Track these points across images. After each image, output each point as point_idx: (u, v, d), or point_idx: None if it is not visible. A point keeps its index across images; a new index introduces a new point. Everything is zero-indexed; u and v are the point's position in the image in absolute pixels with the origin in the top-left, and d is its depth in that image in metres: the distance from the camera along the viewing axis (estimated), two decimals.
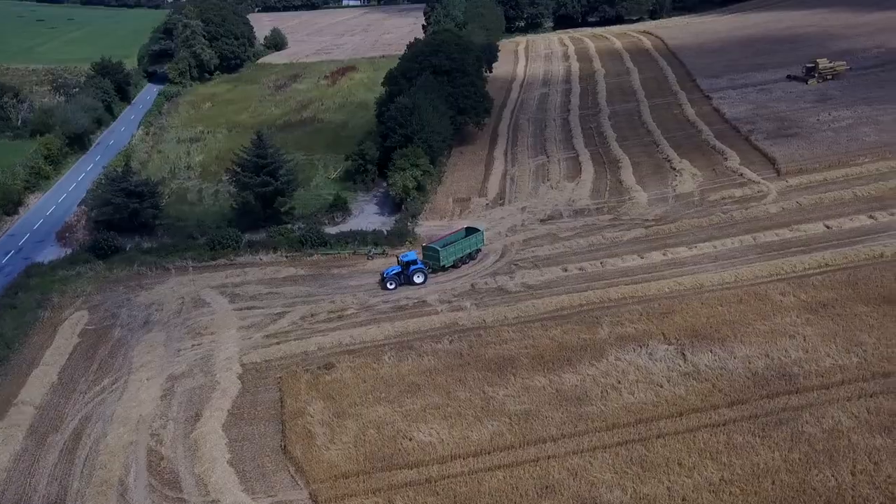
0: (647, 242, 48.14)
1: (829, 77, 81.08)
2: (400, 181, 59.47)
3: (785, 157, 58.69)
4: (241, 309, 44.31)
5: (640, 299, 39.87)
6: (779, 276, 40.12)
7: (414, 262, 46.06)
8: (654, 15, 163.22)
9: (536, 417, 30.17)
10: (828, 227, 45.97)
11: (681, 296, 39.45)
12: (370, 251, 51.69)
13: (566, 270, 45.21)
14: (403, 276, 45.74)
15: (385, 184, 63.74)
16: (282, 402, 33.65)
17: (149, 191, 59.67)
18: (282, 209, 57.59)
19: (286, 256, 52.44)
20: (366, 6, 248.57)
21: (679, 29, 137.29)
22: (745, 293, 38.52)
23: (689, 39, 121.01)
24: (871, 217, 46.31)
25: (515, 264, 47.34)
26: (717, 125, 71.46)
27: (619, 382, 31.78)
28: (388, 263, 48.23)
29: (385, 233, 54.36)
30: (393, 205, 60.71)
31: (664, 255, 45.71)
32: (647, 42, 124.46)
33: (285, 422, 31.99)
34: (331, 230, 55.71)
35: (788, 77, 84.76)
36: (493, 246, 50.51)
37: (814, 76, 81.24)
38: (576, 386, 32.00)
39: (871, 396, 28.70)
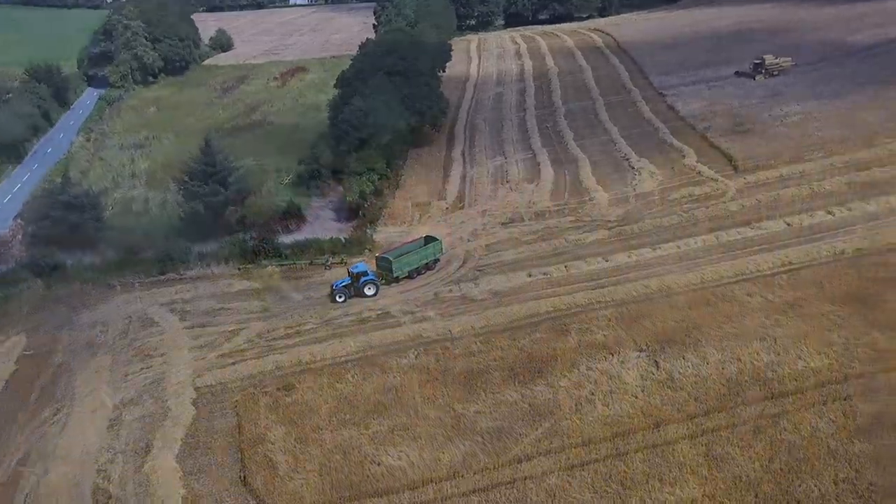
0: (611, 244, 47.50)
1: (775, 73, 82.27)
2: (356, 186, 57.75)
3: (741, 153, 58.92)
4: (192, 327, 42.04)
5: (607, 304, 39.08)
6: (744, 276, 39.83)
7: (364, 273, 44.41)
8: (603, 12, 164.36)
9: (510, 435, 28.99)
10: (788, 225, 46.02)
11: (649, 299, 38.81)
12: (327, 260, 49.85)
13: (531, 276, 44.20)
14: (354, 289, 44.04)
15: (341, 189, 61.91)
16: (240, 428, 31.71)
17: (90, 202, 56.65)
18: (233, 219, 55.21)
19: (239, 269, 50.24)
20: (314, 5, 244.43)
21: (628, 26, 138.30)
22: (712, 295, 38.10)
23: (640, 36, 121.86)
24: (829, 213, 46.53)
25: (479, 270, 46.14)
26: (672, 122, 71.64)
27: (593, 394, 30.84)
28: (346, 273, 46.51)
29: (343, 240, 52.58)
30: (350, 211, 58.85)
31: (629, 256, 45.09)
32: (598, 39, 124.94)
33: (244, 450, 30.10)
34: (285, 239, 53.60)
35: (736, 73, 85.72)
36: (456, 251, 49.24)
37: (761, 72, 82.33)
38: (549, 399, 30.92)
39: (845, 399, 28.37)
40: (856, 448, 25.67)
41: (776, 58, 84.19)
